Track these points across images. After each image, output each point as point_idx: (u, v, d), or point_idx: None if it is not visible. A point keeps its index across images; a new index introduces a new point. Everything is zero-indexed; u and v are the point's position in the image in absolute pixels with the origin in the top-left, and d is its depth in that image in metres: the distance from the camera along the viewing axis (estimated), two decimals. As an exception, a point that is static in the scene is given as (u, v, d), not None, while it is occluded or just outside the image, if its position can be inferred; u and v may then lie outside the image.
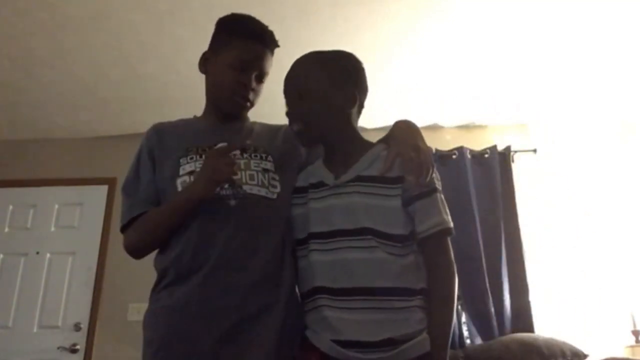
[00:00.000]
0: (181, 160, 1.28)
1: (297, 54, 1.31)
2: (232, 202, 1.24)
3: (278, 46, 1.46)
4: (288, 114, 1.32)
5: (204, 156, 1.28)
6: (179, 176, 1.27)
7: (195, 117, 1.46)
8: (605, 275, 3.25)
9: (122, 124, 3.68)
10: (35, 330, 3.43)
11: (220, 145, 1.29)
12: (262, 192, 1.28)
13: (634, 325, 3.09)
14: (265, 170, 1.31)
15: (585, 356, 2.73)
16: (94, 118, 3.65)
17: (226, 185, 1.24)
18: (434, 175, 1.24)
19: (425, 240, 1.21)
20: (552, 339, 2.81)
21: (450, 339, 1.21)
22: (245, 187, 1.27)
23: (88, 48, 2.89)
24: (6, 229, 3.68)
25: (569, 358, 2.70)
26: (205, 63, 1.42)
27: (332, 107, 1.29)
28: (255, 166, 1.31)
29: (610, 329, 3.13)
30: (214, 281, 1.19)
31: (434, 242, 1.21)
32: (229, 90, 1.36)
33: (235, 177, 1.24)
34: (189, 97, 3.38)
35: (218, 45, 1.40)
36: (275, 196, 1.30)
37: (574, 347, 2.76)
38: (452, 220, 1.25)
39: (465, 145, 3.55)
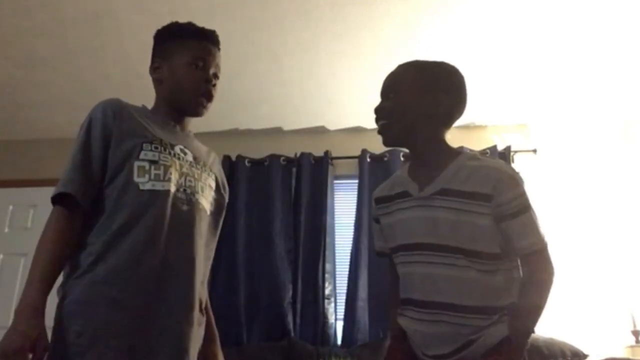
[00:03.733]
0: (144, 145, 1.27)
1: (297, 53, 1.31)
2: (185, 207, 1.27)
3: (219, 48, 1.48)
4: (376, 109, 1.36)
5: (167, 150, 1.30)
6: (138, 159, 1.25)
7: (144, 106, 1.45)
8: (605, 275, 3.25)
9: (122, 124, 3.68)
10: (35, 330, 3.43)
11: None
12: (207, 206, 1.36)
13: (634, 325, 3.09)
14: (210, 187, 1.39)
15: (585, 356, 2.73)
16: (94, 118, 3.65)
17: (183, 189, 1.28)
18: (525, 192, 1.27)
19: (524, 257, 1.26)
20: (552, 339, 2.81)
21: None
22: (197, 196, 1.32)
23: (89, 48, 2.89)
24: (6, 229, 3.68)
25: (569, 358, 2.70)
26: (157, 72, 1.43)
27: (417, 108, 1.32)
28: (204, 179, 1.37)
29: (610, 329, 3.13)
30: (155, 282, 1.20)
31: (532, 259, 1.25)
32: (192, 89, 1.37)
33: (190, 184, 1.30)
34: (189, 97, 3.39)
35: (168, 52, 1.41)
36: (209, 213, 1.37)
37: (574, 347, 2.76)
38: None
39: (465, 145, 3.54)
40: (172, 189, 1.26)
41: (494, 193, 1.22)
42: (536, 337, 2.88)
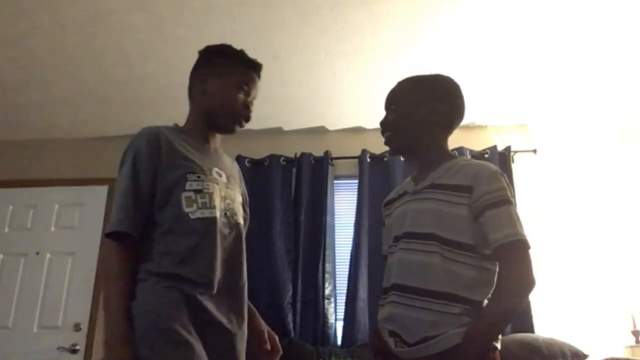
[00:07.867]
0: (188, 176, 1.35)
1: (297, 54, 1.32)
2: (226, 231, 1.39)
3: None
4: (381, 122, 1.46)
5: (208, 177, 1.40)
6: (185, 190, 1.34)
7: (176, 125, 1.52)
8: (605, 275, 3.25)
9: (123, 124, 3.68)
10: (35, 330, 3.43)
11: None
12: (242, 224, 1.47)
13: (634, 325, 3.09)
14: (240, 204, 1.50)
15: (585, 356, 2.74)
16: (94, 118, 3.65)
17: (224, 213, 1.39)
18: (505, 187, 1.27)
19: (496, 250, 1.23)
20: (552, 339, 2.81)
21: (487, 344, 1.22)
22: (236, 217, 1.43)
23: (88, 48, 2.89)
24: (6, 229, 3.68)
25: (569, 358, 2.71)
26: (203, 84, 1.49)
27: (417, 117, 1.40)
28: (237, 199, 1.48)
29: (610, 329, 3.13)
30: (214, 299, 1.31)
31: (505, 253, 1.22)
32: (235, 109, 1.49)
33: (229, 207, 1.42)
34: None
35: (219, 69, 1.49)
36: (243, 229, 1.48)
37: (574, 347, 2.76)
38: None
39: (465, 145, 3.55)
40: (218, 214, 1.36)
41: (473, 184, 1.26)
42: (536, 337, 2.89)
